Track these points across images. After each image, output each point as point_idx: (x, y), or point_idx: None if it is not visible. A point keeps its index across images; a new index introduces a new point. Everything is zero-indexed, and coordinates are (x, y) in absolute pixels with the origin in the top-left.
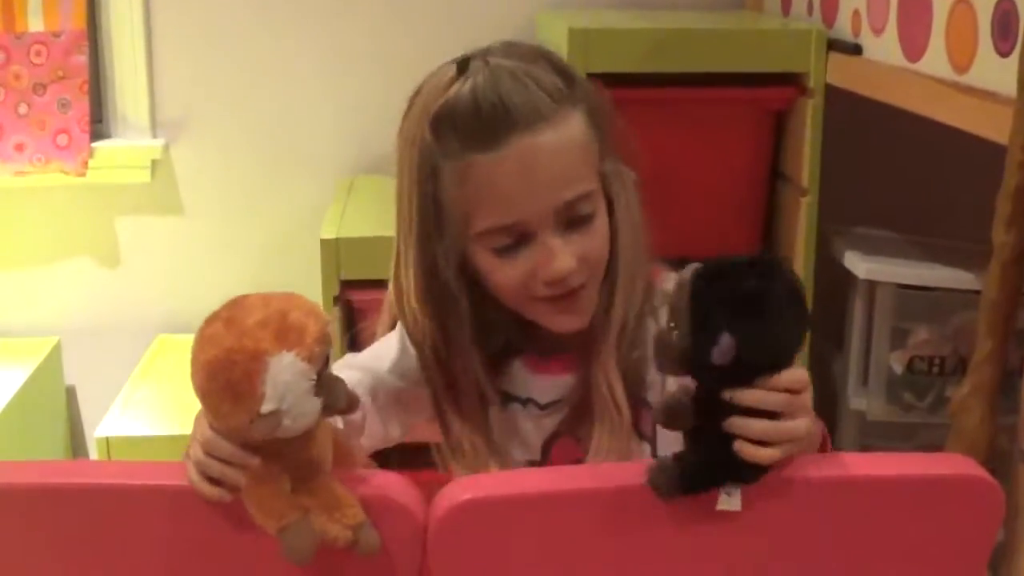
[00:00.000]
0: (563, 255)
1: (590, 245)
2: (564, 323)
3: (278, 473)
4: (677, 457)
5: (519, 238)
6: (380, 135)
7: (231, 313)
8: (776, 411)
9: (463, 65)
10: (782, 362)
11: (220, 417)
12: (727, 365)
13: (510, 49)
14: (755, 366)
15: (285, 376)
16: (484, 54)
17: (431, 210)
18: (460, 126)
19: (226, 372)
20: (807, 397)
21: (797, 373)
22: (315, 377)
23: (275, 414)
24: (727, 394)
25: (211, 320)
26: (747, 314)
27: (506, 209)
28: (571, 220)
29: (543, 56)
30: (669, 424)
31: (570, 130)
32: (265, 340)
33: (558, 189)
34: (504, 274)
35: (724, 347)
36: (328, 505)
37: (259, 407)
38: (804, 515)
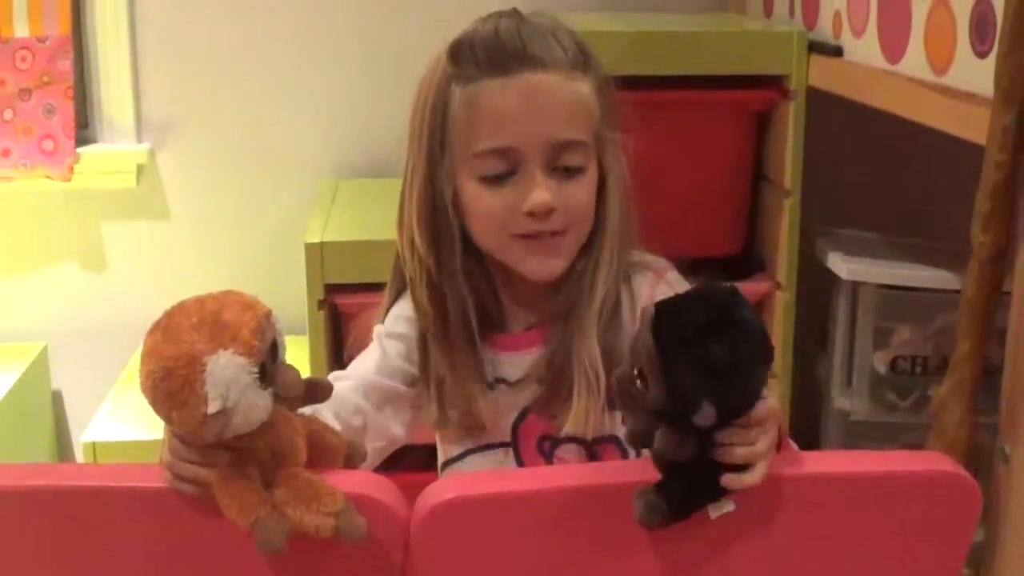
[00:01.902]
0: (544, 188)
1: (573, 196)
2: (537, 267)
3: (246, 468)
4: (659, 488)
5: (509, 167)
6: (364, 139)
7: (167, 321)
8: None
9: (493, 13)
10: (755, 401)
11: (173, 424)
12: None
13: (539, 15)
14: (734, 416)
15: (225, 374)
16: (520, 12)
17: (439, 133)
18: (478, 53)
19: (167, 382)
20: (772, 423)
21: (767, 407)
22: (256, 370)
23: (223, 412)
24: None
25: (151, 331)
26: (723, 379)
27: (504, 133)
28: (560, 167)
29: (567, 30)
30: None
31: (577, 87)
32: (200, 342)
33: (555, 126)
34: (488, 203)
35: (706, 413)
36: (305, 496)
37: (205, 409)
38: (784, 513)
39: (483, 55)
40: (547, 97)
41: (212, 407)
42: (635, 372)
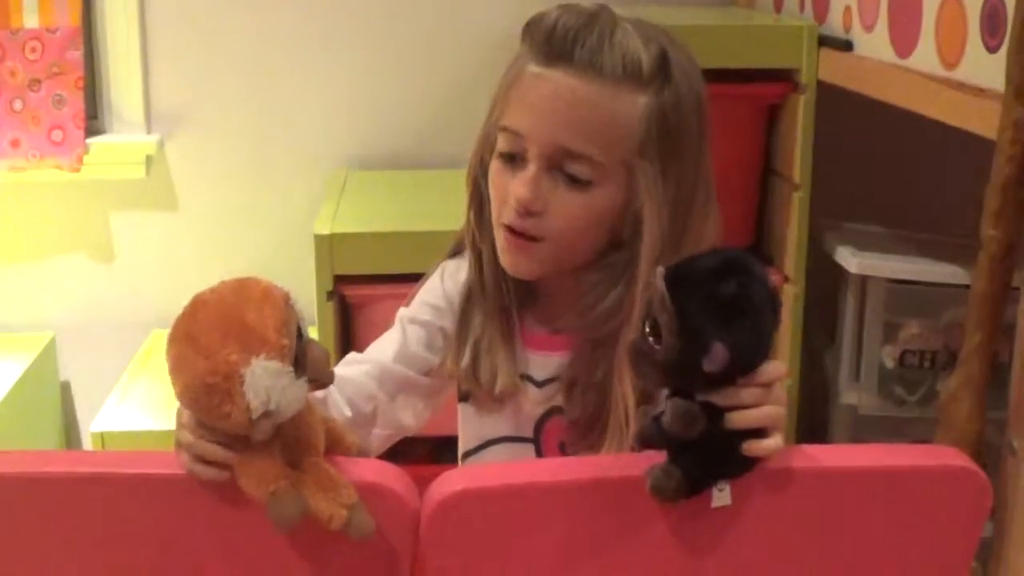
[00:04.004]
0: (527, 184)
1: (563, 205)
2: (511, 263)
3: (271, 447)
4: (672, 460)
5: (518, 151)
6: (375, 130)
7: (191, 327)
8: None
9: (592, 5)
10: (765, 357)
11: (221, 430)
12: (718, 372)
13: (643, 21)
14: (743, 367)
15: (264, 382)
16: (610, 11)
17: (499, 97)
18: (535, 37)
19: (207, 397)
20: (780, 387)
21: (775, 366)
22: (292, 368)
23: (267, 414)
24: (714, 397)
25: (176, 335)
26: (734, 320)
27: (521, 118)
28: (565, 174)
29: (659, 40)
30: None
31: (618, 104)
32: (233, 353)
33: (565, 133)
34: (495, 180)
35: (716, 356)
36: (323, 484)
37: (249, 415)
38: (793, 506)
39: (535, 39)
40: (570, 103)
41: (256, 414)
42: (648, 329)
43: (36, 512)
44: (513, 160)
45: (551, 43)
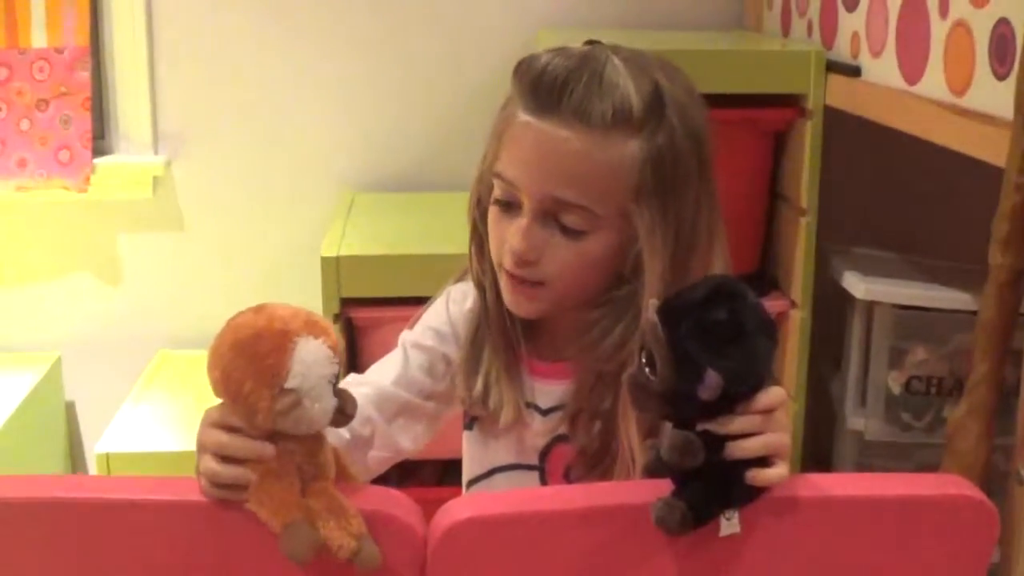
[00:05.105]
0: (521, 236)
1: (558, 254)
2: (515, 304)
3: (289, 472)
4: (677, 493)
5: (513, 200)
6: (380, 152)
7: (259, 307)
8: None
9: (588, 43)
10: (762, 382)
11: (241, 398)
12: (714, 399)
13: (637, 55)
14: (740, 393)
15: (311, 357)
16: (612, 46)
17: (492, 140)
18: (523, 82)
19: (254, 346)
20: (783, 414)
21: (775, 393)
22: (336, 368)
23: (296, 392)
24: (712, 425)
25: (239, 314)
26: (726, 346)
27: (513, 168)
28: (559, 223)
29: (652, 76)
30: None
31: (610, 153)
32: (294, 324)
33: (554, 184)
34: (493, 226)
35: (710, 383)
36: (334, 511)
37: (283, 382)
38: (799, 535)
39: (524, 85)
40: (560, 155)
41: (291, 382)
42: (643, 360)
43: (41, 539)
44: (509, 207)
45: (539, 92)
